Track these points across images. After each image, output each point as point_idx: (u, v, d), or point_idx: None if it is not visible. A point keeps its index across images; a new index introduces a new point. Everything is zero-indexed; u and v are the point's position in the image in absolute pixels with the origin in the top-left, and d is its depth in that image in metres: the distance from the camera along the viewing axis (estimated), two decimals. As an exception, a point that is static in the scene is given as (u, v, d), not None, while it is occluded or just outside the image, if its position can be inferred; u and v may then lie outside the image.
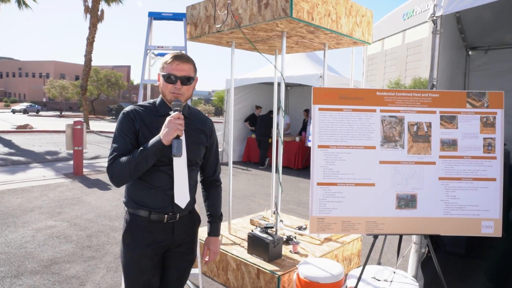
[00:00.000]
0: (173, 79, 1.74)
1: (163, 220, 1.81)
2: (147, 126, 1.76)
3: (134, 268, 1.81)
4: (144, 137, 1.73)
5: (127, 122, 1.75)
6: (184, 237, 1.90)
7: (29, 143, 14.79)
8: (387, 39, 37.97)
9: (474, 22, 4.21)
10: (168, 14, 3.86)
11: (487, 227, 2.34)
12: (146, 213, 1.79)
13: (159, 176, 1.77)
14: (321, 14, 3.26)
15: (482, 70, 5.07)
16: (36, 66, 65.80)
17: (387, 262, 4.05)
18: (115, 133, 1.77)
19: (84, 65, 21.84)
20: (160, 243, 1.82)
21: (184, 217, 1.89)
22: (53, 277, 3.51)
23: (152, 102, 1.86)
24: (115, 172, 1.69)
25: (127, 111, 1.79)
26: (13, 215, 5.36)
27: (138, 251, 1.79)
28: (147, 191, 1.79)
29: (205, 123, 1.94)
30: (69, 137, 8.44)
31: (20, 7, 18.56)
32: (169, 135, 1.62)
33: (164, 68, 1.76)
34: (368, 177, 2.33)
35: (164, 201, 1.80)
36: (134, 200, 1.81)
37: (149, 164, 1.68)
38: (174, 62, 1.74)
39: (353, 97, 2.34)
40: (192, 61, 1.81)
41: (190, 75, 1.77)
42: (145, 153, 1.64)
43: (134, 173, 1.68)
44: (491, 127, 2.35)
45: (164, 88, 1.78)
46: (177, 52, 1.80)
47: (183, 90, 1.76)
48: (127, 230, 1.82)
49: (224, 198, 2.54)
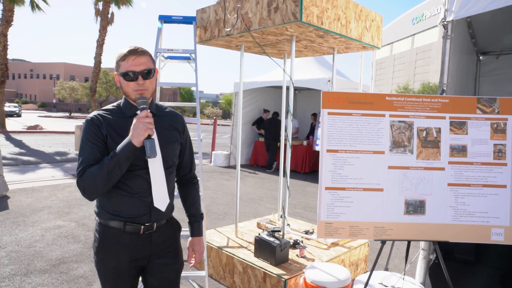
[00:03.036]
0: (132, 76, 1.61)
1: (139, 232, 1.67)
2: (115, 129, 1.63)
3: (110, 280, 1.70)
4: (113, 142, 1.59)
5: (93, 129, 1.61)
6: (164, 247, 1.77)
7: (39, 143, 14.97)
8: (396, 43, 37.78)
9: (486, 27, 4.18)
10: (178, 18, 3.89)
11: (497, 235, 2.32)
12: (121, 224, 1.65)
13: (135, 181, 1.64)
14: (330, 18, 3.26)
15: (493, 75, 5.03)
16: (47, 67, 66.72)
17: (394, 268, 4.01)
18: (81, 144, 1.62)
19: (93, 67, 22.08)
20: (137, 256, 1.69)
21: (162, 226, 1.75)
22: (61, 277, 3.54)
23: (116, 104, 1.73)
24: (86, 184, 1.54)
25: (91, 117, 1.64)
26: (23, 214, 5.42)
27: (113, 264, 1.67)
28: (122, 199, 1.64)
29: (175, 119, 1.82)
30: (78, 138, 8.53)
31: (33, 10, 18.81)
32: (139, 136, 1.50)
33: (121, 67, 1.63)
34: (377, 182, 2.32)
35: (140, 209, 1.66)
36: (106, 209, 1.67)
37: (122, 170, 1.55)
38: (130, 57, 1.61)
39: (362, 102, 2.34)
40: (148, 52, 1.67)
41: (150, 67, 1.64)
42: (117, 158, 1.51)
43: (107, 182, 1.54)
44: (502, 133, 2.32)
45: (125, 87, 1.64)
46: (131, 46, 1.66)
47: (146, 85, 1.63)
48: (100, 244, 1.68)
49: (231, 201, 2.54)
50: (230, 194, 6.97)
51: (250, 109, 11.31)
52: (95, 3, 21.51)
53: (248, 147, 11.65)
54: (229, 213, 5.78)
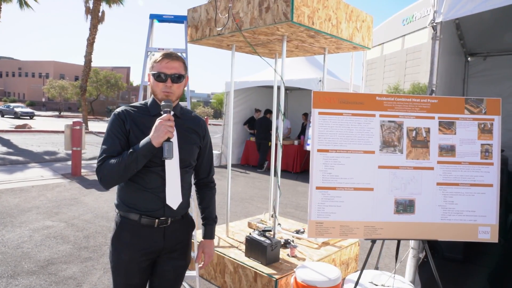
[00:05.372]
0: (163, 77, 1.72)
1: (154, 225, 1.76)
2: (138, 126, 1.73)
3: (122, 271, 1.78)
4: (135, 137, 1.70)
5: (118, 123, 1.72)
6: (176, 242, 1.85)
7: (27, 143, 14.77)
8: (387, 44, 38.12)
9: (474, 28, 4.24)
10: (169, 17, 3.87)
11: (484, 233, 2.35)
12: (137, 217, 1.74)
13: (150, 177, 1.73)
14: (321, 18, 3.27)
15: (481, 76, 5.10)
16: (36, 66, 65.78)
17: (384, 267, 4.05)
18: (105, 134, 1.73)
19: (84, 65, 21.85)
20: (150, 248, 1.77)
21: (176, 222, 1.83)
22: (49, 278, 3.50)
23: (144, 102, 1.84)
24: (104, 173, 1.66)
25: (118, 112, 1.76)
26: (11, 215, 5.34)
27: (126, 255, 1.75)
28: (138, 193, 1.74)
29: (197, 123, 1.91)
30: (68, 138, 8.44)
31: (21, 7, 18.58)
32: (159, 137, 1.59)
33: (154, 67, 1.74)
34: (367, 181, 2.34)
35: (155, 203, 1.75)
36: (125, 202, 1.77)
37: (139, 166, 1.64)
38: (164, 60, 1.72)
39: (353, 102, 2.35)
40: (182, 59, 1.78)
41: (180, 72, 1.75)
42: (135, 155, 1.61)
43: (124, 175, 1.65)
44: (489, 133, 2.36)
45: (155, 87, 1.76)
46: (167, 51, 1.78)
47: (173, 89, 1.73)
48: (117, 233, 1.78)
49: (222, 201, 2.54)
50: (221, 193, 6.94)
51: (241, 109, 11.31)
52: (86, 1, 21.32)
53: (239, 147, 11.65)
54: (220, 213, 5.74)
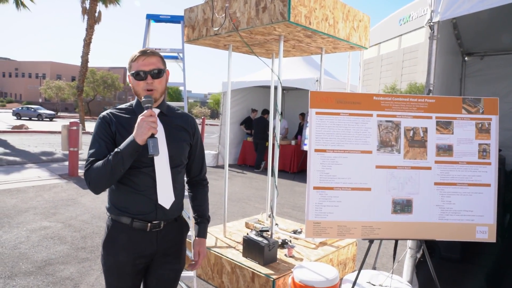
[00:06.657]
0: (143, 75, 1.68)
1: (146, 229, 1.72)
2: (124, 127, 1.70)
3: (114, 275, 1.75)
4: (122, 139, 1.65)
5: (103, 126, 1.70)
6: (169, 246, 1.81)
7: (24, 143, 14.72)
8: (384, 44, 38.15)
9: (471, 28, 4.24)
10: (166, 17, 3.86)
11: (482, 233, 2.35)
12: (129, 220, 1.70)
13: (141, 178, 1.70)
14: (318, 18, 3.27)
15: (478, 76, 5.10)
16: (32, 66, 65.53)
17: (382, 267, 4.05)
18: (92, 138, 1.71)
19: (80, 66, 21.74)
20: (143, 252, 1.74)
21: (169, 225, 1.80)
22: (47, 278, 3.49)
23: (129, 104, 1.81)
24: (91, 177, 1.62)
25: (103, 115, 1.74)
26: (8, 216, 5.32)
27: (118, 259, 1.72)
28: (130, 196, 1.71)
29: (186, 120, 1.88)
30: (65, 138, 8.41)
31: (18, 8, 18.48)
32: (143, 134, 1.55)
33: (132, 67, 1.71)
34: (364, 181, 2.33)
35: (147, 206, 1.71)
36: (116, 206, 1.73)
37: (125, 166, 1.60)
38: (140, 58, 1.69)
39: (350, 102, 2.35)
40: (159, 54, 1.75)
41: (159, 67, 1.71)
42: (120, 155, 1.57)
43: (111, 177, 1.61)
44: (486, 133, 2.36)
45: (136, 86, 1.72)
46: (142, 49, 1.75)
47: (155, 85, 1.70)
48: (108, 237, 1.74)
49: (219, 201, 2.53)
50: (219, 193, 6.95)
51: (238, 109, 11.30)
52: (82, 2, 21.21)
53: (236, 147, 11.64)
54: (217, 213, 5.75)
